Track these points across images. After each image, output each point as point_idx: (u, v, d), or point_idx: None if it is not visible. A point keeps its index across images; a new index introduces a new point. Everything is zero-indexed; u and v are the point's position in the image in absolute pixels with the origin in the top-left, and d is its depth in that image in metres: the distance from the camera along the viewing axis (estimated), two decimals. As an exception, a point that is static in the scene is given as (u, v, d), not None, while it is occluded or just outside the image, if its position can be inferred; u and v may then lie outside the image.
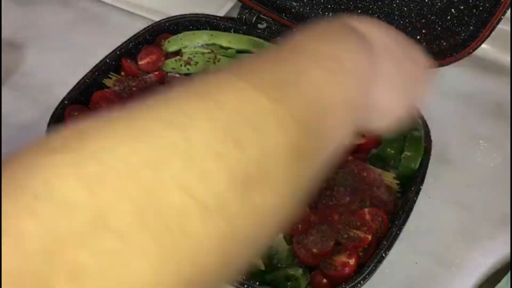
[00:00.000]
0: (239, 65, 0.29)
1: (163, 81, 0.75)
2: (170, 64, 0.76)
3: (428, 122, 0.69)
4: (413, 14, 0.72)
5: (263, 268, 0.58)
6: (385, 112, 0.40)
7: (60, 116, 0.67)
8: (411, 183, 0.64)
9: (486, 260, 0.63)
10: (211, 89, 0.26)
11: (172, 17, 0.80)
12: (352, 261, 0.57)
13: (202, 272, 0.23)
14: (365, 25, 0.38)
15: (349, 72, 0.33)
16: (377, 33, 0.38)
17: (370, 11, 0.74)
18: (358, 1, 0.74)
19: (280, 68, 0.29)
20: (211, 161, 0.23)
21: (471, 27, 0.69)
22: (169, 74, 0.76)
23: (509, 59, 0.82)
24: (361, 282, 0.55)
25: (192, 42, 0.78)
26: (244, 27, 0.80)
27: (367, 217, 0.60)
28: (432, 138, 0.67)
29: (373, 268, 0.55)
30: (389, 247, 0.57)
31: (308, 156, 0.28)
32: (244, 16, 0.81)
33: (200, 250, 0.22)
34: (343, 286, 0.54)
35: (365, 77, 0.35)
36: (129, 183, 0.21)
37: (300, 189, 0.28)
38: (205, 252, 0.22)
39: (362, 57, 0.35)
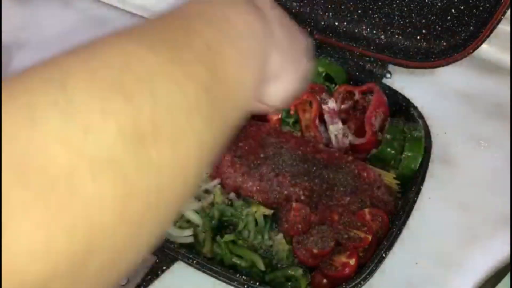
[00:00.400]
0: (129, 28, 0.29)
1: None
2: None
3: (428, 122, 0.69)
4: (413, 14, 0.72)
5: (263, 268, 0.58)
6: (283, 82, 0.42)
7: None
8: (411, 183, 0.64)
9: (486, 260, 0.63)
10: (97, 50, 0.26)
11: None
12: (352, 262, 0.57)
13: (102, 233, 0.22)
14: None
15: (242, 34, 0.34)
16: (268, 4, 0.40)
17: (370, 11, 0.75)
18: (358, 1, 0.74)
19: (172, 29, 0.30)
20: (96, 116, 0.22)
21: (471, 27, 0.69)
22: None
23: (509, 59, 0.82)
24: (361, 282, 0.55)
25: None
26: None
27: (368, 217, 0.60)
28: (432, 138, 0.68)
29: (373, 268, 0.56)
30: (389, 248, 0.57)
31: (211, 114, 0.28)
32: (244, 16, 0.81)
33: (94, 209, 0.21)
34: (344, 286, 0.54)
35: (259, 38, 0.36)
36: (7, 142, 0.20)
37: (206, 147, 0.29)
38: (100, 210, 0.22)
39: (255, 20, 0.36)
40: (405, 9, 0.72)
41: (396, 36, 0.75)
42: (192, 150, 0.27)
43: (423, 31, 0.73)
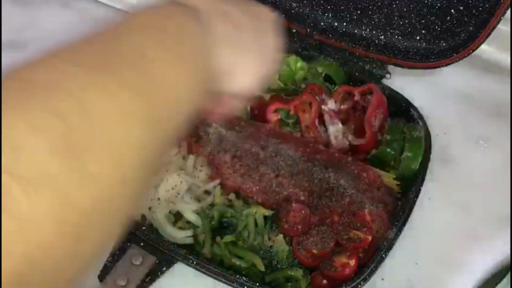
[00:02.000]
0: (62, 47, 0.30)
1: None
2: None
3: (428, 123, 0.69)
4: (413, 15, 0.72)
5: (263, 269, 0.58)
6: (240, 71, 0.40)
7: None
8: (411, 184, 0.64)
9: (486, 260, 0.63)
10: (26, 71, 0.27)
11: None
12: (352, 262, 0.57)
13: (41, 250, 0.22)
14: None
15: (175, 37, 0.34)
16: (203, 1, 0.39)
17: (369, 12, 0.74)
18: (357, 2, 0.74)
19: (103, 42, 0.31)
20: (26, 134, 0.23)
21: (471, 28, 0.69)
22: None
23: (509, 59, 0.82)
24: (361, 283, 0.55)
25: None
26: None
27: (368, 218, 0.60)
28: (432, 138, 0.68)
29: (373, 269, 0.56)
30: (389, 248, 0.57)
31: (149, 117, 0.29)
32: (244, 17, 0.81)
33: (31, 228, 0.22)
34: (343, 287, 0.54)
35: (195, 38, 0.36)
36: None
37: (149, 150, 0.29)
38: (37, 228, 0.22)
39: (187, 21, 0.36)
40: (405, 9, 0.72)
41: (396, 37, 0.74)
42: (134, 155, 0.28)
43: (423, 31, 0.73)
